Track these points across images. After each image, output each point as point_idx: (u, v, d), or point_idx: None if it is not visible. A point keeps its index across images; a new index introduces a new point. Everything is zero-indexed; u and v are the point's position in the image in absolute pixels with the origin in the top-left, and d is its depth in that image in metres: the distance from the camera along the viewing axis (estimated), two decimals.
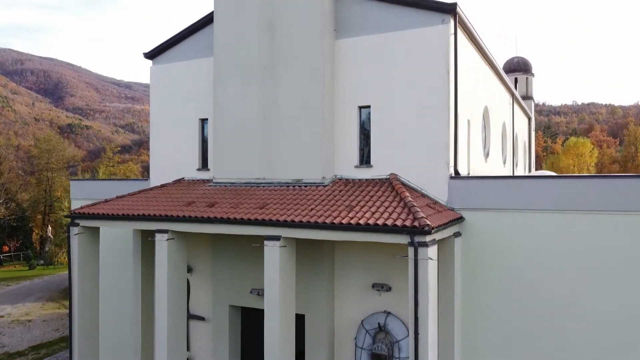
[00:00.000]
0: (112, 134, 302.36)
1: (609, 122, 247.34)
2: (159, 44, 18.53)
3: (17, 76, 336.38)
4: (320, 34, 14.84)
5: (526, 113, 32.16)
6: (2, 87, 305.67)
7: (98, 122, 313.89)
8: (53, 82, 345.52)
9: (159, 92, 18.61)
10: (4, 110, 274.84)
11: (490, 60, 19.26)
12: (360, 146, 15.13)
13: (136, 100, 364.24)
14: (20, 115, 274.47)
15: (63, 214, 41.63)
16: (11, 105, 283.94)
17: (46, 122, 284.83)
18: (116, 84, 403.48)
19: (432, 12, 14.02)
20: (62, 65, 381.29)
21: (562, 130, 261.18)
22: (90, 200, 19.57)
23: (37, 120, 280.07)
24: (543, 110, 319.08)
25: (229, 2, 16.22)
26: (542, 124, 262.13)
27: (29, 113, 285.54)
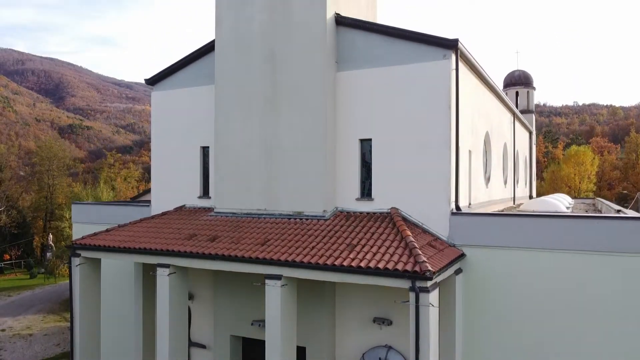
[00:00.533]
0: (113, 134, 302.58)
1: (610, 123, 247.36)
2: (160, 71, 18.56)
3: (18, 76, 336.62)
4: (321, 66, 14.85)
5: (527, 127, 32.17)
6: (3, 87, 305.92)
7: (99, 122, 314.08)
8: (54, 82, 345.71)
9: (160, 118, 18.63)
10: (4, 111, 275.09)
11: (491, 85, 19.27)
12: (361, 179, 15.14)
13: (137, 100, 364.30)
14: (21, 116, 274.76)
15: (64, 226, 41.74)
16: (12, 105, 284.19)
17: (47, 122, 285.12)
18: (117, 84, 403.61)
19: (434, 47, 14.02)
20: (62, 66, 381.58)
21: (563, 132, 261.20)
22: (91, 224, 19.63)
23: (38, 121, 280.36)
24: (544, 111, 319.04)
25: (230, 33, 16.23)
26: (542, 126, 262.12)
27: (29, 113, 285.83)
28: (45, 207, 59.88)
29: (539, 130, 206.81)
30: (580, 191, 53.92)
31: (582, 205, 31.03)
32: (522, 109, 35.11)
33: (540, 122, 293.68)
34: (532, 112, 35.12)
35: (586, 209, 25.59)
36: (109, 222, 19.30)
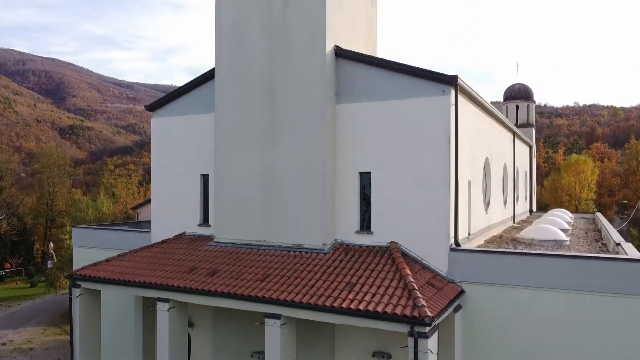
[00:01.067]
0: (114, 135, 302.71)
1: (611, 124, 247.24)
2: (160, 98, 18.61)
3: (19, 77, 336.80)
4: (321, 99, 14.87)
5: (527, 143, 32.18)
6: (4, 87, 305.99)
7: (99, 122, 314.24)
8: (55, 82, 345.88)
9: (160, 145, 18.67)
10: (5, 112, 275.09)
11: (491, 111, 19.28)
12: (360, 211, 15.17)
13: (137, 100, 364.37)
14: (22, 117, 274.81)
15: (65, 237, 41.79)
16: (13, 106, 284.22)
17: (48, 123, 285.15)
18: (117, 84, 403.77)
19: (433, 82, 14.05)
20: (63, 66, 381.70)
21: (564, 133, 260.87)
22: (91, 248, 19.69)
23: (38, 122, 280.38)
24: (544, 112, 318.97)
25: (230, 64, 16.27)
26: (543, 127, 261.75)
27: (30, 114, 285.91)
28: (45, 214, 59.96)
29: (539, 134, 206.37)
30: (581, 200, 53.90)
31: (582, 220, 31.03)
32: (522, 122, 35.15)
33: (541, 122, 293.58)
34: (532, 126, 35.13)
35: (585, 228, 25.60)
36: (109, 246, 19.41)
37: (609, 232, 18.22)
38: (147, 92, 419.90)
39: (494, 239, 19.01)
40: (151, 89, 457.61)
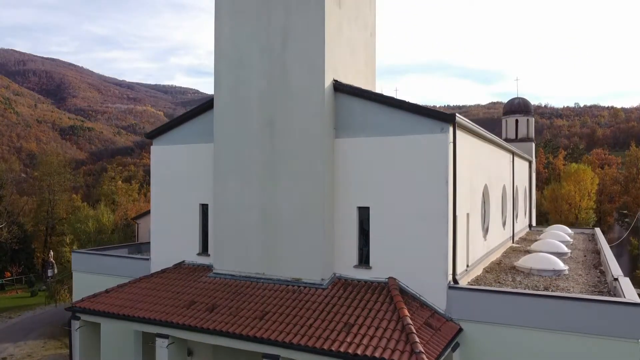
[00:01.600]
0: (114, 135, 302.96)
1: (612, 125, 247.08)
2: (160, 126, 18.68)
3: (20, 77, 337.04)
4: (320, 133, 14.91)
5: (526, 158, 32.21)
6: (5, 88, 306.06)
7: (100, 123, 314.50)
8: (55, 82, 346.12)
9: (160, 173, 18.73)
10: (6, 112, 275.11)
11: (490, 139, 19.31)
12: (359, 246, 15.21)
13: (138, 101, 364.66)
14: (22, 117, 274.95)
15: (65, 250, 41.96)
16: (13, 107, 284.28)
17: (48, 124, 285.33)
18: (118, 85, 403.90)
19: (431, 119, 14.08)
20: (64, 66, 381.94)
21: (564, 134, 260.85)
22: (91, 273, 19.77)
23: (39, 122, 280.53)
24: (545, 113, 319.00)
25: (229, 96, 16.32)
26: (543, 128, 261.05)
27: (31, 115, 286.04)
28: (46, 221, 60.08)
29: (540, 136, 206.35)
30: (581, 209, 53.94)
31: (581, 237, 31.06)
32: (521, 136, 35.19)
33: (542, 123, 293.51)
34: (531, 140, 35.15)
35: (585, 248, 25.60)
36: (109, 273, 19.51)
37: (607, 260, 18.25)
38: (147, 92, 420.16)
39: (492, 266, 19.05)
40: (152, 89, 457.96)
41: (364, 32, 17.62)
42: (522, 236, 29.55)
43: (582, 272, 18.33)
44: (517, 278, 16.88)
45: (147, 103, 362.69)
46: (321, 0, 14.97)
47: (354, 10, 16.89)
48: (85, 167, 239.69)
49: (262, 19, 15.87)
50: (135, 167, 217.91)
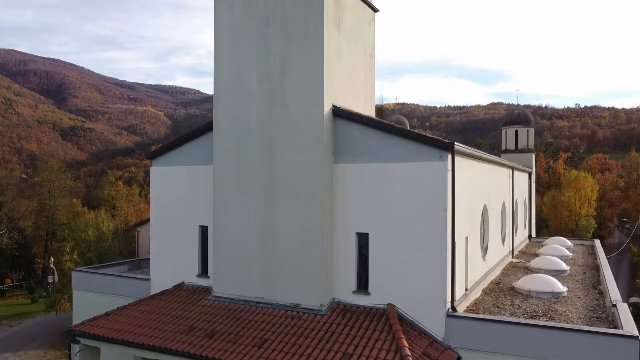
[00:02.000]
0: (115, 136, 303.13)
1: (612, 126, 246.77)
2: (160, 147, 18.72)
3: (21, 77, 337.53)
4: (319, 159, 14.94)
5: (526, 170, 32.23)
6: (5, 88, 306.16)
7: (101, 123, 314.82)
8: (56, 83, 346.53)
9: (160, 194, 18.77)
10: (7, 113, 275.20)
11: (489, 159, 19.34)
12: (358, 271, 15.24)
13: (139, 101, 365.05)
14: (23, 118, 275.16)
15: (66, 259, 42.08)
16: (14, 107, 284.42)
17: (49, 124, 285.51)
18: (119, 85, 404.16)
19: (430, 147, 14.11)
20: (64, 66, 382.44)
21: (565, 135, 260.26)
22: (90, 292, 19.85)
23: (40, 123, 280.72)
24: (545, 114, 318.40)
25: (228, 119, 16.36)
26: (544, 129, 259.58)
27: (32, 115, 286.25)
28: (46, 227, 60.16)
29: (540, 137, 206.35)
30: (581, 215, 53.96)
31: (581, 250, 31.09)
32: (521, 147, 35.20)
33: (542, 124, 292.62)
34: (531, 151, 35.16)
35: (584, 263, 25.62)
36: (108, 292, 19.59)
37: (606, 281, 18.29)
38: (148, 93, 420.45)
39: (492, 287, 19.08)
40: (152, 89, 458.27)
41: (363, 53, 17.65)
42: (522, 249, 29.57)
43: (581, 294, 18.35)
44: (516, 301, 16.90)
45: (148, 103, 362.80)
46: (320, 27, 15.01)
47: (353, 32, 16.92)
48: (86, 168, 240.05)
49: (261, 46, 15.91)
50: (135, 168, 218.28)
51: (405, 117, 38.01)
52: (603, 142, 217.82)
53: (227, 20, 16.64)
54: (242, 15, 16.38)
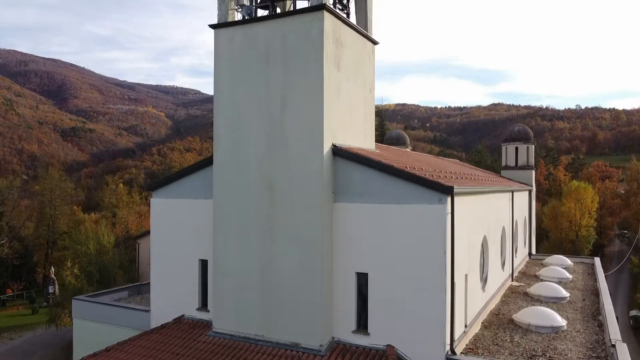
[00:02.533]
0: (115, 136, 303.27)
1: (613, 128, 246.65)
2: (160, 179, 18.72)
3: (21, 78, 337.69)
4: (319, 199, 14.95)
5: (526, 188, 32.23)
6: (6, 89, 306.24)
7: (102, 124, 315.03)
8: (57, 83, 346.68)
9: (160, 226, 18.79)
10: (7, 114, 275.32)
11: (489, 191, 19.34)
12: (357, 311, 15.25)
13: (139, 101, 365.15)
14: (24, 119, 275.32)
15: (66, 274, 42.16)
16: (15, 108, 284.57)
17: (50, 125, 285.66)
18: (119, 85, 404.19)
19: (429, 190, 14.12)
20: (65, 67, 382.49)
21: (566, 137, 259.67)
22: (91, 321, 19.88)
23: (40, 124, 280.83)
24: (546, 115, 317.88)
25: (228, 155, 16.36)
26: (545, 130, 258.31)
27: (32, 116, 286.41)
28: (47, 236, 60.22)
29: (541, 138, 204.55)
30: (581, 226, 53.96)
31: (581, 269, 31.12)
32: (521, 164, 35.22)
33: (543, 126, 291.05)
34: (531, 168, 35.16)
35: (584, 287, 25.63)
36: (108, 322, 19.67)
37: (606, 314, 18.31)
38: (148, 93, 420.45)
39: (491, 319, 19.09)
40: (153, 89, 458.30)
41: (362, 88, 17.66)
42: (522, 269, 29.57)
43: (581, 327, 18.38)
44: (515, 337, 16.92)
45: (149, 104, 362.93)
46: (320, 65, 15.01)
47: (354, 69, 16.93)
48: (87, 169, 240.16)
49: (261, 81, 15.91)
50: (136, 169, 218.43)
51: (405, 118, 38.33)
52: (604, 144, 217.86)
53: (227, 53, 16.65)
54: (242, 49, 16.38)
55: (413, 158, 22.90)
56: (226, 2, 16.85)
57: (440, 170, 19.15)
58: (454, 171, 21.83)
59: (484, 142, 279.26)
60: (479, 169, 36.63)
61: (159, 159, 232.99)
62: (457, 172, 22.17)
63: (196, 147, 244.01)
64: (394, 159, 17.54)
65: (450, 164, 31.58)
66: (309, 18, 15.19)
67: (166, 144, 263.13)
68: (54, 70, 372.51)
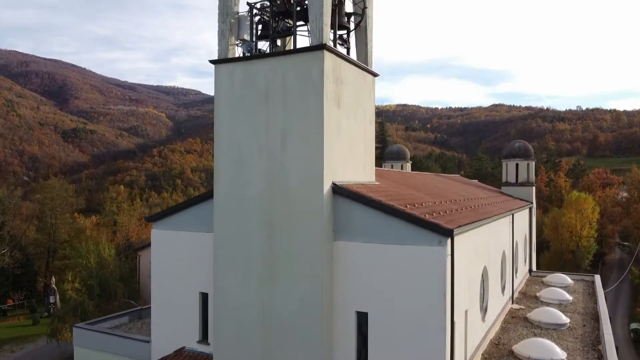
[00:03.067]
0: (116, 137, 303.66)
1: (614, 129, 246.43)
2: (161, 211, 18.77)
3: (22, 78, 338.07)
4: (319, 238, 14.98)
5: (526, 206, 32.24)
6: (7, 90, 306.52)
7: (102, 125, 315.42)
8: (58, 84, 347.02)
9: (161, 258, 18.85)
10: (9, 115, 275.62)
11: (490, 221, 19.35)
12: (357, 348, 15.27)
13: (140, 102, 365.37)
14: (25, 120, 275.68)
15: (67, 288, 42.23)
16: (16, 109, 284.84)
17: (51, 126, 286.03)
18: (120, 86, 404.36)
19: (429, 231, 14.15)
20: (66, 67, 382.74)
21: (567, 139, 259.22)
22: (91, 349, 19.94)
23: (41, 125, 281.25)
24: (547, 116, 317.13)
25: (228, 192, 16.40)
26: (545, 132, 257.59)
27: (33, 117, 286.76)
28: (47, 244, 60.29)
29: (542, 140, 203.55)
30: (581, 237, 53.97)
31: (581, 286, 31.15)
32: (522, 180, 35.23)
33: (544, 127, 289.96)
34: (532, 185, 35.18)
35: (584, 310, 25.66)
36: (109, 351, 19.69)
37: (605, 344, 18.35)
38: (149, 94, 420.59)
39: (491, 350, 19.14)
40: (154, 90, 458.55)
41: (363, 122, 17.67)
42: (522, 290, 29.59)
43: (580, 358, 18.41)
44: None
45: (149, 104, 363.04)
46: (320, 105, 15.02)
47: (354, 104, 16.93)
48: (88, 171, 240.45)
49: (261, 118, 15.93)
50: (137, 171, 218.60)
51: (406, 118, 38.30)
52: (605, 146, 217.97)
53: (227, 88, 16.67)
54: (242, 85, 16.41)
55: (413, 185, 22.88)
56: (226, 37, 16.87)
57: (441, 202, 19.17)
58: (455, 199, 21.85)
59: (484, 144, 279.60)
60: (479, 186, 36.60)
61: (160, 160, 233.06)
62: (458, 199, 22.19)
63: (197, 149, 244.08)
64: (394, 193, 17.57)
65: (451, 183, 31.51)
66: (309, 58, 15.21)
67: (167, 145, 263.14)
68: (55, 70, 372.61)
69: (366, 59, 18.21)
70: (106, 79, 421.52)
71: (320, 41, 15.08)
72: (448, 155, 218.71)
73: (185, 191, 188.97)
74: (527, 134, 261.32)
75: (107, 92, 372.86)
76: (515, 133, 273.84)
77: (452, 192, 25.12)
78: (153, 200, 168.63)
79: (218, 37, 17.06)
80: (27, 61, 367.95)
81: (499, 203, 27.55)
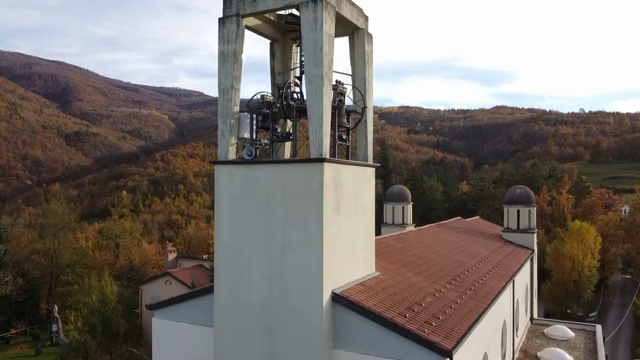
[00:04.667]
0: (119, 140, 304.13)
1: (617, 134, 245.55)
2: (162, 301, 18.82)
3: (25, 80, 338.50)
4: (318, 347, 15.00)
5: (527, 253, 32.25)
6: (10, 92, 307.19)
7: (105, 127, 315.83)
8: (60, 86, 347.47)
9: (161, 346, 18.89)
10: (12, 118, 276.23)
11: (490, 304, 19.37)
12: None
13: (143, 104, 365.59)
14: (28, 123, 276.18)
15: (69, 328, 42.40)
16: (19, 112, 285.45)
17: (54, 129, 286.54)
18: (123, 87, 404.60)
19: (428, 350, 14.17)
20: (69, 69, 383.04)
21: (569, 143, 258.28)
22: None
23: (44, 128, 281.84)
24: (550, 120, 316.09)
25: (228, 293, 16.44)
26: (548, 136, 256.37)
27: (36, 120, 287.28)
28: (50, 270, 60.47)
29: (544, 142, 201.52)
30: (583, 267, 53.91)
31: (582, 338, 31.15)
32: (523, 227, 35.20)
33: (547, 131, 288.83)
34: (533, 232, 35.16)
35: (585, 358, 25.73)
36: None
37: None
38: (152, 95, 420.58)
39: None
40: (156, 91, 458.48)
41: (363, 217, 17.67)
42: (523, 346, 29.60)
43: None
44: None
45: (152, 106, 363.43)
46: (320, 215, 15.02)
47: (353, 203, 16.93)
48: (91, 175, 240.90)
49: (261, 224, 15.95)
50: (140, 176, 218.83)
51: (409, 121, 38.25)
52: (607, 152, 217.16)
53: (228, 189, 16.71)
54: (242, 188, 16.44)
55: (414, 260, 22.79)
56: (227, 137, 16.89)
57: (441, 290, 19.15)
58: (456, 276, 21.80)
59: (487, 147, 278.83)
60: (481, 233, 36.47)
61: (163, 165, 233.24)
62: (459, 275, 22.11)
63: (199, 153, 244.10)
64: (394, 289, 17.59)
65: (452, 242, 31.37)
66: (309, 169, 15.23)
67: (169, 149, 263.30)
68: (57, 72, 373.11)
69: (366, 152, 18.23)
70: (109, 80, 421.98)
71: (320, 153, 15.11)
72: (450, 160, 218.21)
73: (188, 197, 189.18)
74: (529, 138, 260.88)
75: (110, 94, 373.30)
76: (517, 136, 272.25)
77: (453, 260, 25.08)
78: (155, 206, 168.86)
79: (218, 137, 17.10)
80: (30, 63, 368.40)
81: (501, 264, 27.52)
